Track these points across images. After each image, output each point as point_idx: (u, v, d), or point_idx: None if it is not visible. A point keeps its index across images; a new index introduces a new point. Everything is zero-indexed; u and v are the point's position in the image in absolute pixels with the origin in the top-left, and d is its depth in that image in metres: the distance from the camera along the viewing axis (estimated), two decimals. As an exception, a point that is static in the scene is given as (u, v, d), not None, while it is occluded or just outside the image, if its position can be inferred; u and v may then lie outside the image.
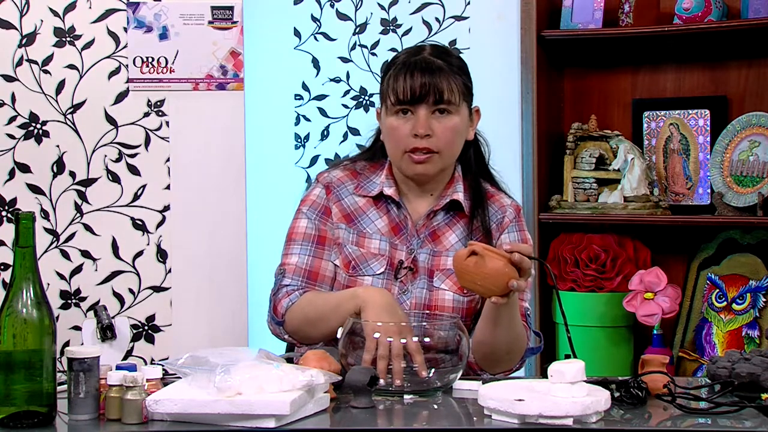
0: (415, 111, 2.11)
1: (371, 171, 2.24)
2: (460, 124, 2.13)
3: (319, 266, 2.17)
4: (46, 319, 1.71)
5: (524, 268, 1.88)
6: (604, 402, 1.69)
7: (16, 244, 1.73)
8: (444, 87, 2.10)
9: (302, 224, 2.20)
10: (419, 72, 2.11)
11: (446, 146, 2.12)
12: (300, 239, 2.18)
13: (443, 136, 2.11)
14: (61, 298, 2.98)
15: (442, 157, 2.13)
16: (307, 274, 2.16)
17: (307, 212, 2.21)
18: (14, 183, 2.97)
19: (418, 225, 2.19)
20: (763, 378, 1.85)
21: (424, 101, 2.10)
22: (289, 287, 2.14)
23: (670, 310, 3.06)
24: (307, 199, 2.23)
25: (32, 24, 2.97)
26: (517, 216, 2.23)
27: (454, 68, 2.14)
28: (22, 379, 1.68)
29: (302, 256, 2.17)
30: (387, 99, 2.14)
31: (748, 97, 3.20)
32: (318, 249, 2.18)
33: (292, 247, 2.19)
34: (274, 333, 2.18)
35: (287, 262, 2.18)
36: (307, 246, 2.17)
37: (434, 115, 2.11)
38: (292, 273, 2.16)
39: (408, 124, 2.11)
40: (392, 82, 2.13)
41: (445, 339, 1.91)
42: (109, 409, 1.71)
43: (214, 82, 3.03)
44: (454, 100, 2.11)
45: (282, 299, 2.13)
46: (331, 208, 2.20)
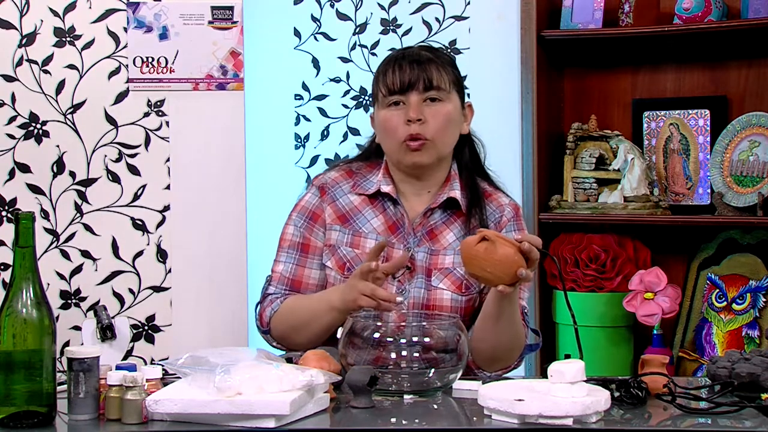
0: (407, 100, 2.15)
1: (368, 170, 2.26)
2: (452, 111, 2.17)
3: (302, 274, 2.21)
4: (46, 319, 1.71)
5: (532, 259, 1.88)
6: (603, 402, 1.69)
7: (16, 244, 1.73)
8: (434, 74, 2.15)
9: (289, 231, 2.25)
10: (408, 63, 2.16)
11: (439, 133, 2.15)
12: (286, 246, 2.24)
13: (435, 122, 2.14)
14: (61, 298, 2.98)
15: (436, 145, 2.16)
16: (291, 282, 2.21)
17: (295, 218, 2.25)
18: (14, 183, 2.97)
19: (414, 223, 2.19)
20: (763, 378, 1.85)
21: (414, 88, 2.14)
22: (272, 296, 2.20)
23: (670, 310, 3.06)
24: (298, 204, 2.28)
25: (32, 24, 2.97)
26: (515, 215, 2.23)
27: (444, 61, 2.20)
28: (22, 379, 1.68)
29: (287, 264, 2.22)
30: (378, 94, 2.19)
31: (748, 97, 3.20)
32: (302, 257, 2.22)
33: (280, 254, 2.25)
34: (266, 340, 2.23)
35: (274, 270, 2.24)
36: (292, 254, 2.22)
37: (426, 102, 2.15)
38: (277, 281, 2.21)
39: (401, 113, 2.15)
40: (381, 77, 2.19)
41: (445, 339, 1.91)
42: (109, 409, 1.71)
43: (214, 82, 3.03)
44: (444, 86, 2.15)
45: (266, 308, 2.19)
46: (324, 210, 2.22)
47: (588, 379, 1.73)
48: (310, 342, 2.10)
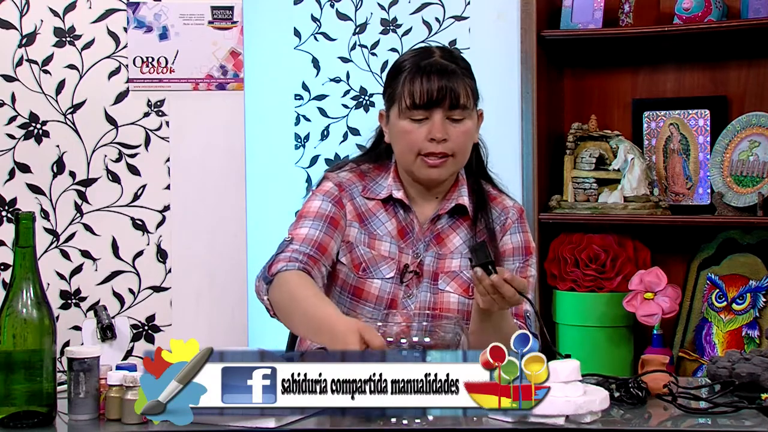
0: (431, 115, 2.08)
1: (376, 173, 2.22)
2: (472, 128, 2.13)
3: (328, 243, 2.10)
4: (46, 319, 1.71)
5: (506, 297, 1.88)
6: (599, 402, 1.68)
7: (16, 244, 1.73)
8: (460, 91, 2.09)
9: (316, 204, 2.14)
10: (436, 75, 2.09)
11: (460, 150, 2.11)
12: (312, 216, 2.12)
13: (458, 140, 2.10)
14: (61, 298, 2.98)
15: (456, 161, 2.12)
16: (317, 245, 2.08)
17: (321, 196, 2.15)
18: (14, 183, 2.97)
19: (423, 228, 2.18)
20: (763, 378, 1.85)
21: (440, 105, 2.08)
22: (295, 252, 2.05)
23: (670, 310, 3.06)
24: (320, 189, 2.18)
25: (32, 24, 2.97)
26: (519, 218, 2.22)
27: (465, 71, 2.14)
28: (22, 379, 1.68)
29: (313, 230, 2.09)
30: (401, 102, 2.10)
31: (748, 97, 3.20)
32: (330, 228, 2.11)
33: (303, 222, 2.12)
34: (257, 290, 2.08)
35: (296, 233, 2.10)
36: (319, 223, 2.11)
37: (449, 120, 2.09)
38: (301, 241, 2.08)
39: (423, 128, 2.09)
40: (408, 85, 2.10)
41: (445, 338, 1.91)
42: (109, 409, 1.71)
43: (214, 82, 3.03)
44: (468, 105, 2.10)
45: (282, 260, 2.04)
46: (345, 205, 2.17)
47: (588, 375, 1.73)
48: (296, 332, 2.08)
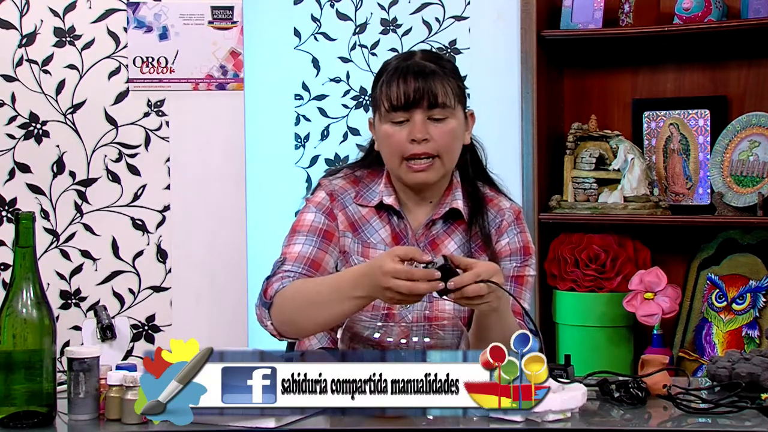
0: (411, 116, 2.06)
1: (370, 179, 2.20)
2: (457, 127, 2.09)
3: (322, 258, 2.10)
4: (46, 319, 1.71)
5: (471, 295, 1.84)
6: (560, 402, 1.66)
7: (16, 244, 1.73)
8: (438, 90, 2.06)
9: (309, 217, 2.14)
10: (412, 76, 2.07)
11: (445, 150, 2.08)
12: (305, 231, 2.12)
13: (441, 139, 2.07)
14: (61, 298, 2.98)
15: (443, 162, 2.09)
16: (310, 262, 2.09)
17: (313, 208, 2.15)
18: (14, 183, 2.97)
19: (417, 234, 2.16)
20: (763, 378, 1.85)
21: (419, 106, 2.06)
22: (287, 272, 2.07)
23: (670, 310, 3.06)
24: (312, 199, 2.18)
25: (32, 24, 2.97)
26: (516, 219, 2.19)
27: (447, 71, 2.10)
28: (22, 379, 1.68)
29: (306, 246, 2.10)
30: (381, 106, 2.10)
31: (748, 97, 3.20)
32: (324, 242, 2.11)
33: (296, 238, 2.12)
34: (259, 318, 2.09)
35: (289, 252, 2.11)
36: (312, 238, 2.11)
37: (430, 120, 2.07)
38: (294, 260, 2.08)
39: (404, 130, 2.07)
40: (385, 88, 2.09)
41: (445, 338, 1.91)
42: (109, 409, 1.71)
43: (214, 82, 3.03)
44: (449, 103, 2.07)
45: (275, 282, 2.05)
46: (337, 216, 2.16)
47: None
48: (317, 327, 2.02)
